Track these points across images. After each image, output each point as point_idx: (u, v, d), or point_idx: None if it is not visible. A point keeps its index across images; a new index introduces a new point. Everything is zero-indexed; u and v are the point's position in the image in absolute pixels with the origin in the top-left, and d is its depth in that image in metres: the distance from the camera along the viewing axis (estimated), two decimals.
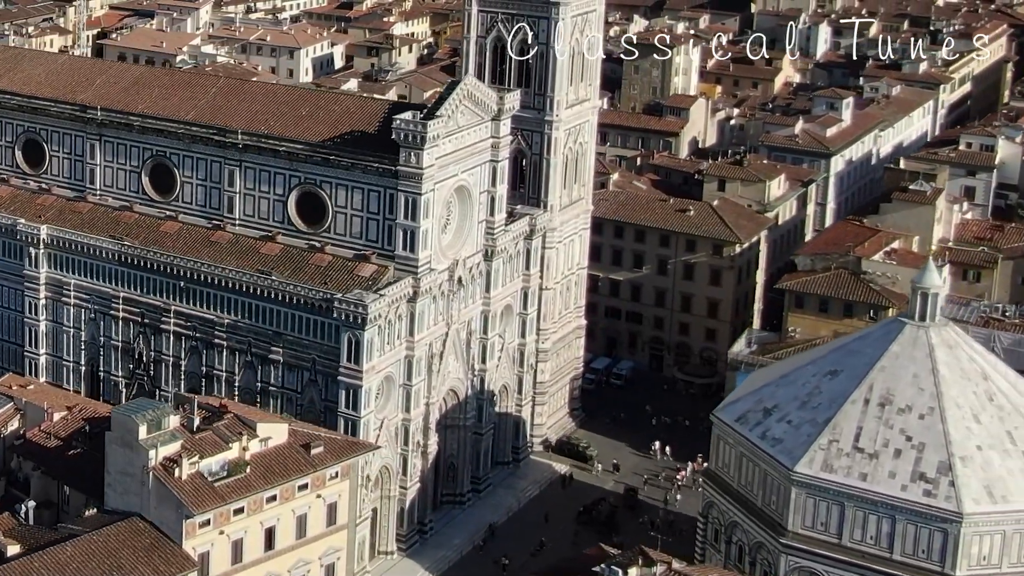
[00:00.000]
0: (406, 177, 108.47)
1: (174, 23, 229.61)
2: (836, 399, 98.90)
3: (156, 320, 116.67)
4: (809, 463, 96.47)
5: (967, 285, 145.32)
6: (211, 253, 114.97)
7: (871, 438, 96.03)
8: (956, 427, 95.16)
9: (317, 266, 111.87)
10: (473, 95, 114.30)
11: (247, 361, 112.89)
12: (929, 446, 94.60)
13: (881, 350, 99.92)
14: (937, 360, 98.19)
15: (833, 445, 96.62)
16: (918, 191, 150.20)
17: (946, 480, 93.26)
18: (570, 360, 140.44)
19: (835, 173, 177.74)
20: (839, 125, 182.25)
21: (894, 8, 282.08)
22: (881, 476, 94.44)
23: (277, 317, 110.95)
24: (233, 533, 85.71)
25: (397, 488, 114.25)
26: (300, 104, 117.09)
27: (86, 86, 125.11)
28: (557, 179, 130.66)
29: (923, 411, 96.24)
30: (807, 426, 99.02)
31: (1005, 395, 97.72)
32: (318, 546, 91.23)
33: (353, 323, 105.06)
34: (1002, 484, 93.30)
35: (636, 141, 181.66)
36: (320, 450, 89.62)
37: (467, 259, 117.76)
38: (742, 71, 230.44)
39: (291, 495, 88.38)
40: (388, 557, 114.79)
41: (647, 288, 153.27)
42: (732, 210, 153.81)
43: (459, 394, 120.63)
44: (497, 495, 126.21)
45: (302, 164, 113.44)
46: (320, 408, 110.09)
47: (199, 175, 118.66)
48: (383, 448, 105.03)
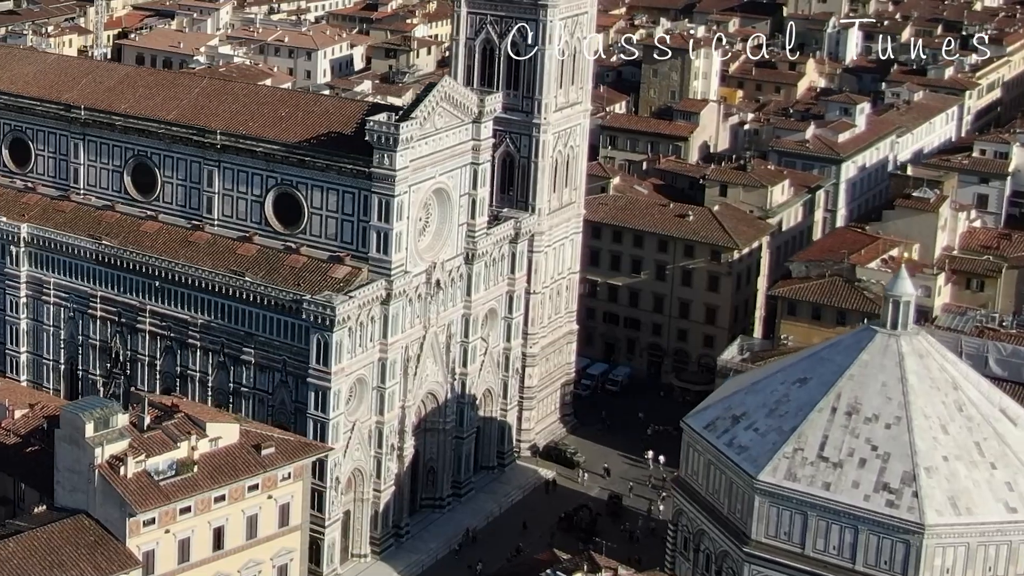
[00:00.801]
0: (379, 179, 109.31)
1: (194, 23, 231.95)
2: (803, 407, 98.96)
3: (132, 319, 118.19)
4: (773, 471, 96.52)
5: (970, 294, 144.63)
6: (188, 253, 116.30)
7: (836, 447, 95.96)
8: (922, 437, 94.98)
9: (292, 267, 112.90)
10: (452, 97, 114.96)
11: (220, 362, 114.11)
12: (894, 456, 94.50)
13: (851, 358, 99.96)
14: (907, 369, 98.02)
15: (798, 454, 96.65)
16: (921, 198, 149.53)
17: (909, 491, 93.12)
18: (561, 365, 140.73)
19: (846, 179, 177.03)
20: (852, 131, 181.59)
21: (928, 12, 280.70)
22: (844, 486, 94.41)
23: (249, 318, 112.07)
24: (180, 532, 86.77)
25: (371, 491, 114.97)
26: (280, 105, 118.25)
27: (72, 85, 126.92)
28: (545, 183, 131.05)
29: (890, 420, 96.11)
30: (773, 434, 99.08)
31: (975, 405, 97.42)
32: (270, 547, 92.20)
33: (321, 324, 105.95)
34: (967, 496, 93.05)
35: (645, 145, 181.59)
36: (271, 451, 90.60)
37: (446, 262, 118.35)
38: (765, 75, 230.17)
39: (241, 495, 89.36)
40: (361, 560, 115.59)
41: (645, 293, 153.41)
42: (733, 216, 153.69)
43: (438, 398, 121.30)
44: (479, 500, 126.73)
45: (278, 165, 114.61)
46: (291, 409, 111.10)
47: (179, 175, 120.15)
48: (335, 449, 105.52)
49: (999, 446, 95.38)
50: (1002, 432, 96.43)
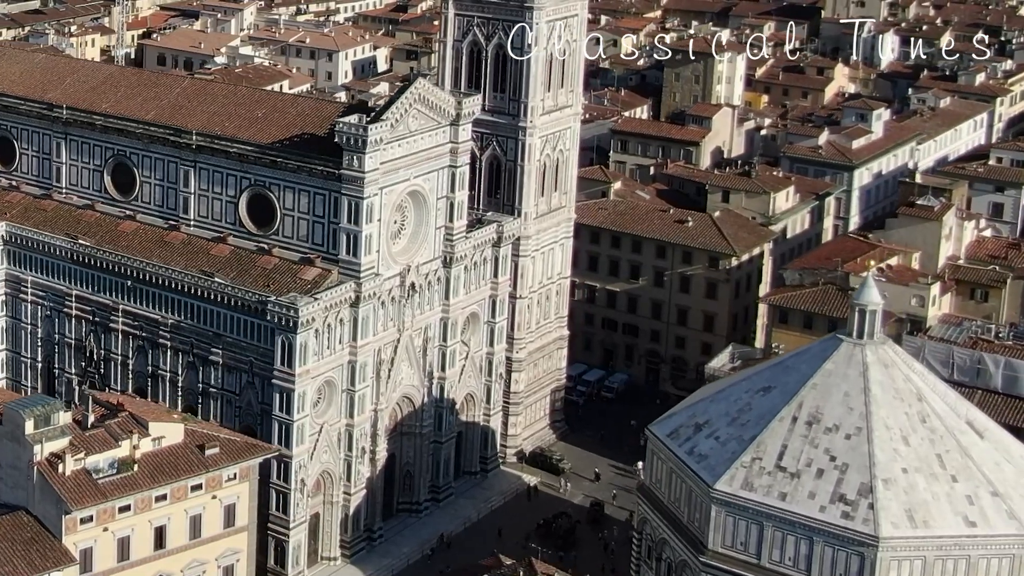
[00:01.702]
0: (349, 181, 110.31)
1: (218, 24, 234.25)
2: (765, 416, 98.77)
3: (106, 319, 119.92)
4: (730, 481, 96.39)
5: (974, 305, 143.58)
6: (163, 253, 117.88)
7: (795, 457, 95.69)
8: (882, 448, 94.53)
9: (263, 268, 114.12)
10: (427, 99, 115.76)
11: (189, 362, 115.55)
12: (852, 467, 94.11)
13: (815, 367, 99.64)
14: (870, 379, 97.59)
15: (756, 463, 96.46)
16: (925, 206, 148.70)
17: (866, 502, 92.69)
18: (551, 371, 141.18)
19: (859, 186, 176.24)
20: (868, 137, 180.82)
21: (969, 17, 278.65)
22: (801, 496, 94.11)
23: (217, 318, 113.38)
24: (119, 531, 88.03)
25: (341, 494, 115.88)
26: (257, 106, 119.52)
27: (57, 85, 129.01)
28: (532, 186, 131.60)
29: (850, 431, 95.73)
30: (733, 443, 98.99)
31: (940, 417, 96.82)
32: (215, 547, 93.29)
33: (286, 326, 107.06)
34: (925, 508, 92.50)
35: (657, 149, 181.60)
36: (215, 451, 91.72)
37: (422, 265, 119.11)
38: (792, 80, 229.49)
39: (183, 495, 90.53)
40: (331, 563, 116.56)
41: (643, 300, 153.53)
42: (733, 222, 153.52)
43: (414, 401, 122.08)
44: (457, 505, 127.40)
45: (252, 166, 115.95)
46: (257, 411, 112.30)
47: (157, 175, 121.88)
48: (280, 450, 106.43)
49: (962, 459, 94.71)
50: (966, 444, 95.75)
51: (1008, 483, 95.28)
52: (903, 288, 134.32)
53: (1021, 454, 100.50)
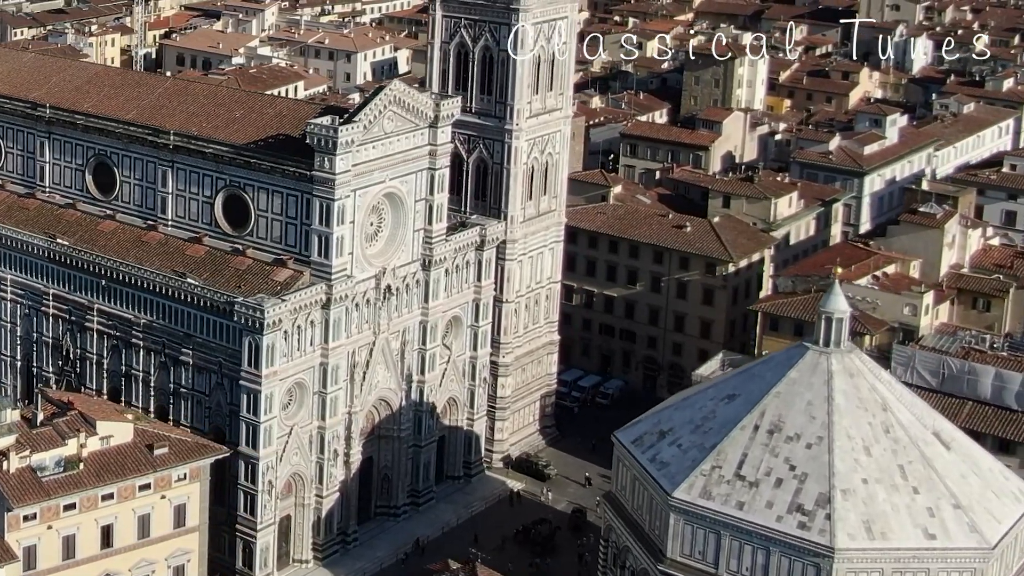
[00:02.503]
0: (320, 182, 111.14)
1: (239, 24, 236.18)
2: (727, 424, 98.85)
3: (81, 318, 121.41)
4: (688, 489, 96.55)
5: (976, 314, 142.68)
6: (139, 253, 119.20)
7: (754, 466, 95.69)
8: (843, 458, 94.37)
9: (236, 269, 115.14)
10: (403, 101, 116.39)
11: (161, 362, 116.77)
12: (811, 477, 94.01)
13: (780, 375, 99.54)
14: (834, 388, 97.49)
15: (716, 471, 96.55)
16: (927, 213, 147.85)
17: (823, 513, 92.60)
18: (541, 376, 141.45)
19: (870, 193, 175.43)
20: (881, 143, 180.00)
21: (1008, 22, 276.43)
22: (758, 506, 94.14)
23: (188, 319, 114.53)
24: (64, 529, 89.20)
25: (313, 496, 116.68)
26: (237, 107, 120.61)
27: (42, 84, 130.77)
28: (518, 190, 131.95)
29: (811, 440, 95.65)
30: (695, 451, 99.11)
31: (904, 428, 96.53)
32: (164, 547, 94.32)
33: (252, 327, 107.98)
34: (884, 520, 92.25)
35: (666, 154, 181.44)
36: (164, 451, 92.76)
37: (399, 268, 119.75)
38: (816, 85, 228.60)
39: (131, 494, 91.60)
40: (303, 565, 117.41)
41: (641, 305, 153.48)
42: (733, 228, 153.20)
43: (392, 405, 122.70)
44: (438, 510, 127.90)
45: (227, 166, 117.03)
46: (226, 412, 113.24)
47: (136, 175, 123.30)
48: (231, 451, 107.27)
49: (924, 470, 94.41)
50: (930, 456, 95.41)
51: (973, 496, 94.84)
52: (895, 296, 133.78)
53: (990, 466, 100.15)
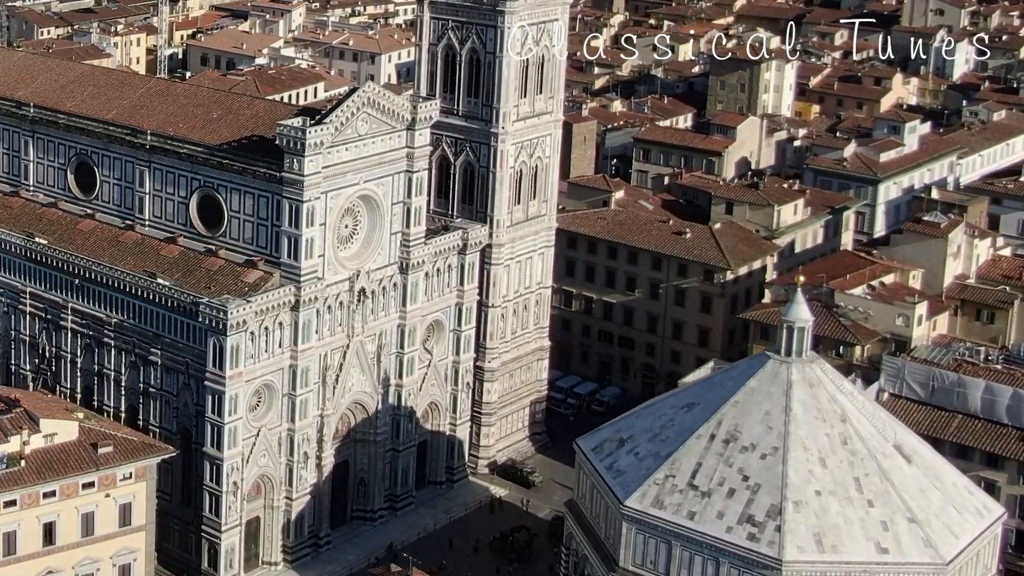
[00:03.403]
0: (290, 184, 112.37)
1: (266, 25, 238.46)
2: (684, 433, 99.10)
3: (56, 316, 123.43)
4: (641, 498, 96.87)
5: (980, 326, 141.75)
6: (115, 253, 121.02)
7: (708, 476, 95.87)
8: (797, 470, 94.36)
9: (208, 270, 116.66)
10: (378, 103, 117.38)
11: (131, 361, 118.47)
12: (764, 488, 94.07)
13: (740, 384, 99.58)
14: (792, 398, 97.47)
15: (669, 480, 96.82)
16: (931, 222, 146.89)
17: (773, 524, 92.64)
18: (530, 382, 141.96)
19: (885, 201, 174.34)
20: (899, 150, 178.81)
21: None
22: (709, 516, 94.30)
23: (157, 319, 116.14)
24: (4, 525, 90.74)
25: (283, 499, 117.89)
26: (215, 107, 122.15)
27: (28, 83, 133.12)
28: (504, 194, 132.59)
29: (767, 450, 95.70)
30: (650, 459, 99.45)
31: (863, 440, 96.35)
32: (109, 545, 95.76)
33: (217, 328, 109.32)
34: (835, 533, 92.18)
35: (679, 159, 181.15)
36: (108, 450, 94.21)
37: (375, 271, 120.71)
38: (847, 90, 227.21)
39: (74, 492, 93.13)
40: (272, 568, 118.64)
41: (639, 312, 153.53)
42: (735, 235, 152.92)
43: (368, 408, 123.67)
44: (416, 515, 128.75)
45: (201, 167, 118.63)
46: (193, 412, 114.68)
47: (115, 175, 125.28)
48: (176, 451, 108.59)
49: (881, 483, 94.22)
50: (887, 468, 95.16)
51: (931, 510, 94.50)
52: (888, 307, 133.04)
53: (954, 481, 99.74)
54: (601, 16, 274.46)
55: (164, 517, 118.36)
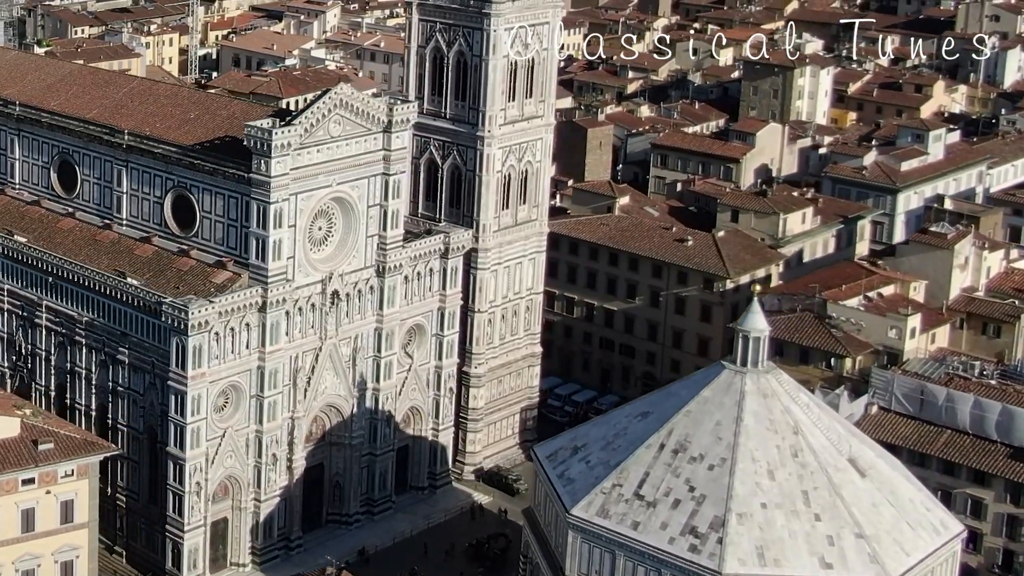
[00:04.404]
0: (257, 185, 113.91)
1: (300, 26, 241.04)
2: (635, 442, 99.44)
3: (31, 314, 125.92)
4: (587, 507, 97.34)
5: (986, 340, 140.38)
6: (90, 251, 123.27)
7: (655, 485, 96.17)
8: (743, 481, 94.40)
9: (179, 270, 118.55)
10: (351, 105, 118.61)
11: (101, 360, 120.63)
12: (709, 499, 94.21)
13: (694, 394, 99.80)
14: (744, 409, 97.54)
15: (616, 490, 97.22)
16: (937, 233, 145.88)
17: (715, 536, 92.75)
18: (520, 389, 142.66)
19: (905, 211, 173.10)
20: (922, 159, 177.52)
21: None
22: (653, 526, 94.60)
23: (125, 318, 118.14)
24: None
25: (251, 500, 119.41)
26: (193, 107, 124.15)
27: (17, 81, 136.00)
28: (491, 198, 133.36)
29: (715, 461, 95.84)
30: (601, 468, 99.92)
31: (814, 453, 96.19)
32: (50, 542, 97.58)
33: (179, 328, 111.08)
34: (779, 546, 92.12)
35: (697, 165, 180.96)
36: (49, 447, 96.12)
37: (350, 273, 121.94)
38: (887, 98, 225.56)
39: (14, 488, 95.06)
40: (240, 569, 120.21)
41: (640, 320, 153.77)
42: (738, 243, 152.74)
43: (342, 411, 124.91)
44: (394, 520, 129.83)
45: (175, 167, 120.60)
46: (158, 412, 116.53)
47: (95, 174, 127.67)
48: (119, 450, 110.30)
49: (830, 497, 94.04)
50: (838, 483, 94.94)
51: (882, 526, 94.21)
52: (880, 318, 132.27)
53: (911, 497, 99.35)
54: (644, 20, 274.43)
55: (132, 516, 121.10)
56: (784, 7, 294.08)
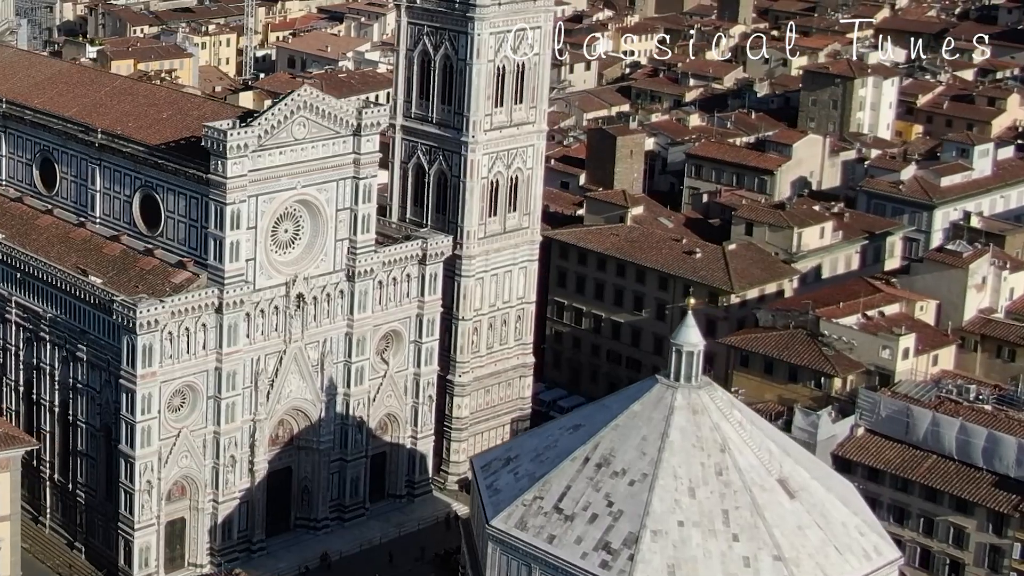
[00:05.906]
0: (215, 186, 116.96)
1: (360, 28, 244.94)
2: (562, 455, 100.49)
3: (2, 310, 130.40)
4: (506, 518, 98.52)
5: (1001, 364, 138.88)
6: (61, 249, 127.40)
7: (575, 499, 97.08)
8: (662, 498, 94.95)
9: (141, 269, 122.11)
10: (317, 107, 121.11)
11: (63, 357, 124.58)
12: (627, 515, 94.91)
13: (624, 407, 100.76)
14: (671, 424, 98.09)
15: (537, 502, 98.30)
16: (952, 252, 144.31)
17: (627, 553, 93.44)
18: (511, 399, 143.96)
19: (942, 228, 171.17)
20: (966, 174, 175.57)
21: None
22: (568, 540, 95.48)
23: (84, 316, 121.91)
24: None
25: (208, 501, 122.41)
26: (167, 107, 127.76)
27: (8, 79, 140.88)
28: (475, 204, 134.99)
29: (636, 477, 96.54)
30: (526, 480, 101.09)
31: (740, 471, 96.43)
32: None
33: (128, 327, 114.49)
34: (691, 566, 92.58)
35: (731, 177, 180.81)
36: None
37: (316, 277, 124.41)
38: (957, 110, 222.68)
39: None
40: (197, 569, 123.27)
41: (646, 333, 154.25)
42: (750, 257, 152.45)
43: (309, 415, 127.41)
44: (364, 527, 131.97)
45: (143, 167, 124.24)
46: (113, 409, 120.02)
47: (72, 172, 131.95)
48: (37, 444, 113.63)
49: (751, 517, 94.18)
50: (763, 503, 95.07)
51: (805, 549, 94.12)
52: (872, 338, 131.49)
53: (843, 521, 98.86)
54: (721, 26, 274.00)
55: (90, 512, 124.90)
56: (875, 14, 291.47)
